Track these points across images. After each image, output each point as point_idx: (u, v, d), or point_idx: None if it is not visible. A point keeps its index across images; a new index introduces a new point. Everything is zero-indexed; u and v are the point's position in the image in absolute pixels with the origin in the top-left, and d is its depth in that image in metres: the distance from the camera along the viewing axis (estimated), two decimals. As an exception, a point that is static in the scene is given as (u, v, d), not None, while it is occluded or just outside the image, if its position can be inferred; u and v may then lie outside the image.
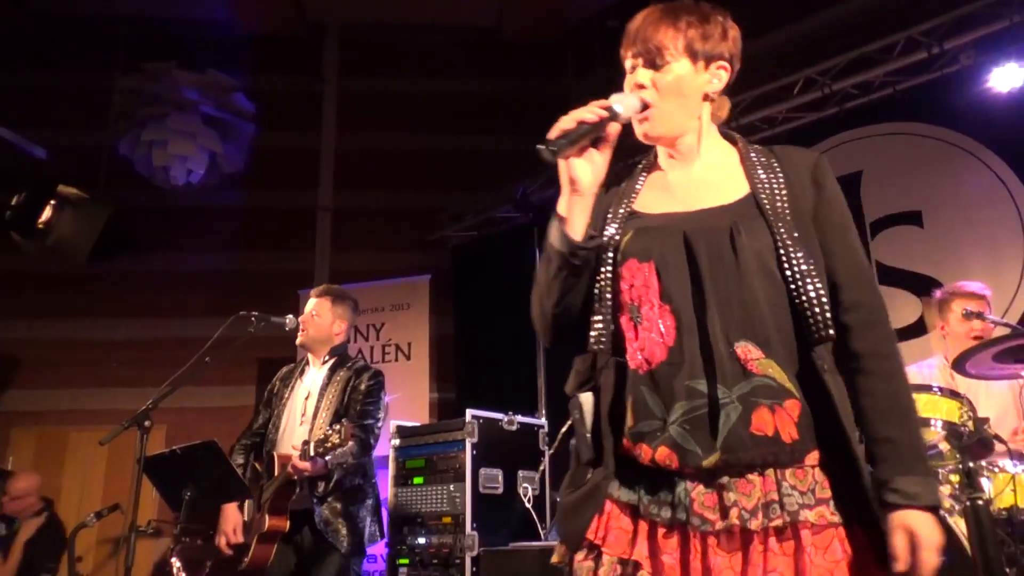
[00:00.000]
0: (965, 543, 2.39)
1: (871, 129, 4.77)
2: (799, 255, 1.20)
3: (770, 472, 1.14)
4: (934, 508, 1.16)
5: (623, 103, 1.28)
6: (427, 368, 5.74)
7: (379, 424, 3.16)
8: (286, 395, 3.25)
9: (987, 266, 4.12)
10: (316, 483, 2.98)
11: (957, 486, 2.72)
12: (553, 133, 1.22)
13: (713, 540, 1.14)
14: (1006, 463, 2.72)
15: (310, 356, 3.32)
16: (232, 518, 3.06)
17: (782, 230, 1.22)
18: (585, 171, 1.26)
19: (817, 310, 1.18)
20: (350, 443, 2.87)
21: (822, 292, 1.19)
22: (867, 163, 4.75)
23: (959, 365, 2.71)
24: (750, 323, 1.17)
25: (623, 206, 1.35)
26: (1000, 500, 2.65)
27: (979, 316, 3.10)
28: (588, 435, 1.26)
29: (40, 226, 3.61)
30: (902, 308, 4.40)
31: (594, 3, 6.40)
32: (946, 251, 4.34)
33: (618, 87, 1.37)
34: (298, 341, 3.31)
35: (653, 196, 1.36)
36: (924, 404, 2.75)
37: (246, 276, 6.39)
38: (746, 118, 5.13)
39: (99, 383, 6.06)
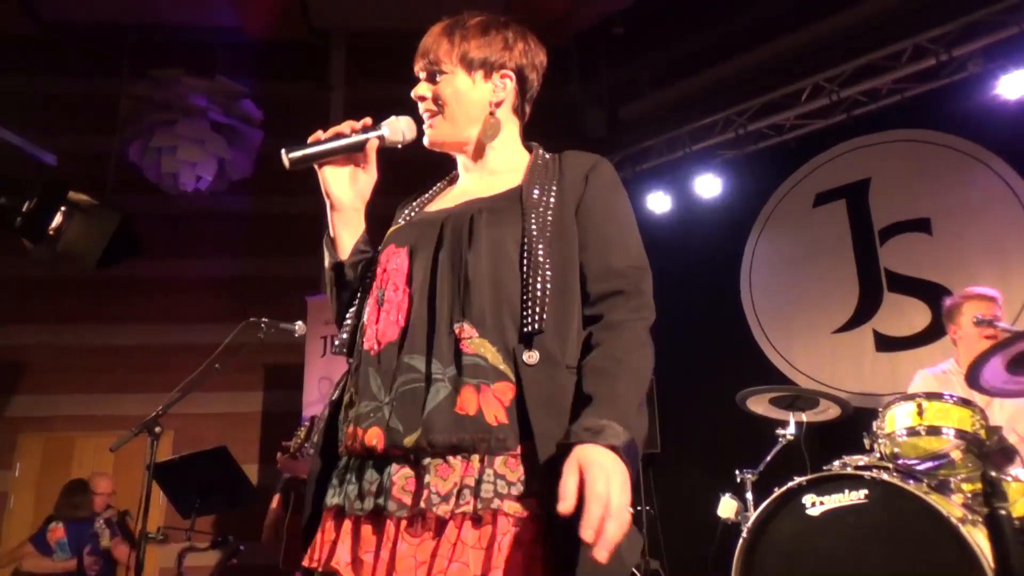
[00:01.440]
0: (979, 555, 2.37)
1: (879, 136, 4.77)
2: (539, 247, 1.18)
3: (475, 458, 1.09)
4: (614, 448, 1.03)
5: (391, 126, 1.33)
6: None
7: None
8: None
9: (997, 273, 4.10)
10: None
11: (970, 495, 2.71)
12: (309, 140, 1.28)
13: (405, 524, 1.09)
14: (1019, 471, 2.70)
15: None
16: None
17: (533, 222, 1.21)
18: (341, 187, 1.31)
19: (533, 305, 1.15)
20: None
21: (548, 288, 1.16)
22: (875, 170, 4.75)
23: (972, 379, 2.70)
24: (471, 304, 1.16)
25: (412, 211, 1.39)
26: (1015, 509, 2.63)
27: (990, 323, 3.08)
28: (319, 444, 1.27)
29: (50, 232, 3.62)
30: (912, 315, 4.39)
31: (599, 10, 6.41)
32: (955, 258, 4.33)
33: (624, 94, 1.38)
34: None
35: (439, 201, 1.40)
36: (936, 412, 2.74)
37: (253, 282, 6.40)
38: (753, 125, 5.14)
39: (106, 389, 6.07)
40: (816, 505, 2.75)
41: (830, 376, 4.64)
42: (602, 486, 0.98)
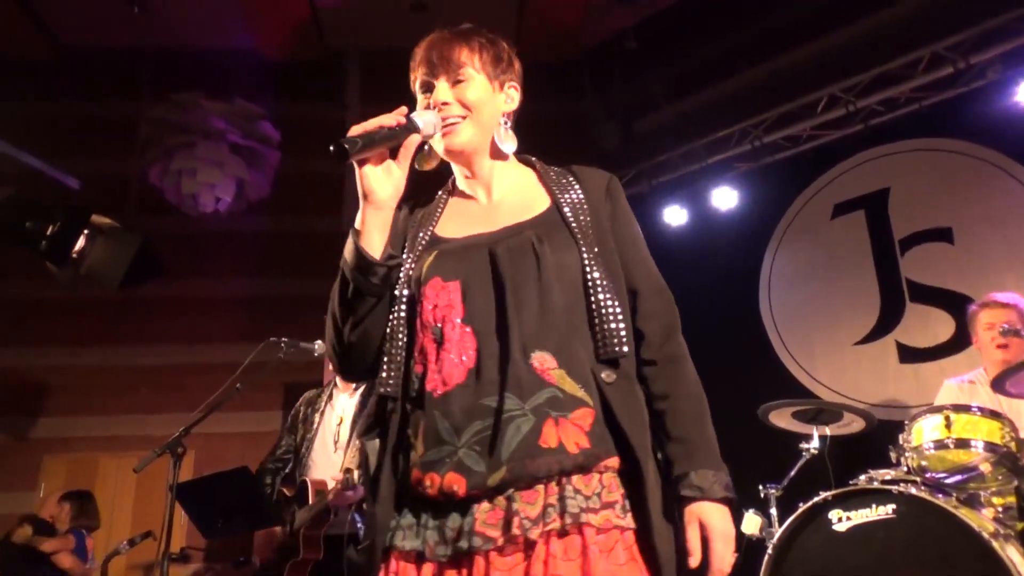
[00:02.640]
0: (1012, 571, 2.32)
1: (897, 146, 4.73)
2: (596, 270, 1.21)
3: (554, 481, 1.12)
4: (726, 500, 1.18)
5: (422, 119, 1.27)
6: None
7: None
8: (316, 421, 3.23)
9: (1021, 281, 4.04)
10: (358, 508, 2.94)
11: (1001, 509, 2.66)
12: (351, 133, 1.20)
13: (495, 555, 1.09)
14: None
15: (338, 381, 3.30)
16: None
17: (583, 242, 1.23)
18: (381, 182, 1.24)
19: (611, 326, 1.19)
20: None
21: (618, 309, 1.20)
22: (894, 180, 4.71)
23: (999, 385, 2.66)
24: (546, 333, 1.16)
25: (424, 232, 1.32)
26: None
27: (1004, 333, 3.03)
28: (371, 487, 1.23)
29: (74, 255, 3.67)
30: (935, 326, 4.34)
31: (611, 24, 6.44)
32: (978, 267, 4.28)
33: (639, 107, 1.38)
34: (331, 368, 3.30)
35: (455, 222, 1.34)
36: (964, 425, 2.70)
37: (272, 301, 6.44)
38: (769, 136, 5.12)
39: (129, 409, 6.11)
40: (843, 520, 2.71)
41: (853, 388, 4.58)
42: (721, 546, 1.16)
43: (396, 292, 1.26)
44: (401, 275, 1.27)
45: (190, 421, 2.94)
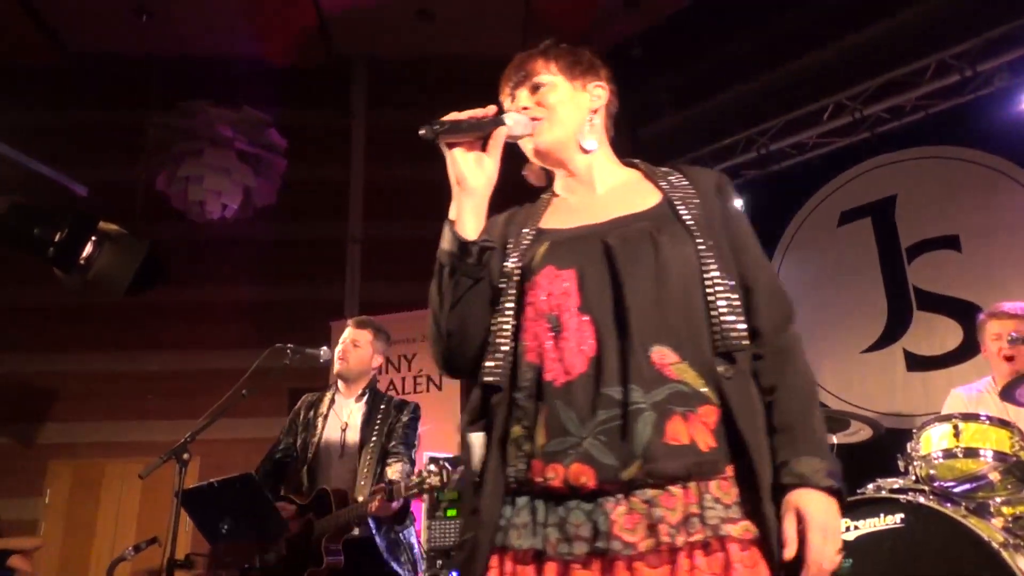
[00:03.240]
0: (1023, 579, 2.30)
1: (904, 153, 4.72)
2: (713, 263, 1.20)
3: (692, 484, 1.09)
4: (831, 490, 1.11)
5: (512, 118, 1.31)
6: (458, 399, 5.73)
7: (414, 449, 3.18)
8: (320, 425, 3.17)
9: (1029, 289, 4.03)
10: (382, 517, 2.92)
11: (1011, 519, 2.64)
12: (443, 119, 1.24)
13: (639, 563, 1.06)
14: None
15: (341, 386, 3.27)
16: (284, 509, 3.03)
17: (699, 236, 1.21)
18: (472, 169, 1.25)
19: (729, 319, 1.17)
20: (399, 465, 2.94)
21: (736, 303, 1.18)
22: (901, 188, 4.70)
23: (1008, 394, 2.64)
24: (667, 327, 1.14)
25: (529, 228, 1.33)
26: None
27: (1012, 342, 3.02)
28: (476, 479, 1.20)
29: (81, 262, 3.69)
30: (943, 334, 4.32)
31: (617, 32, 6.45)
32: (986, 275, 4.26)
33: (644, 115, 1.39)
34: (336, 370, 3.26)
35: (561, 216, 1.35)
36: (973, 434, 2.68)
37: (278, 307, 6.45)
38: (776, 144, 5.12)
39: (135, 415, 6.13)
40: (851, 530, 2.69)
41: (860, 396, 4.56)
42: (819, 539, 1.08)
43: (500, 285, 1.26)
44: (506, 266, 1.27)
45: (196, 427, 2.94)
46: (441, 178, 1.43)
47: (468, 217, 1.24)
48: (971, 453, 2.67)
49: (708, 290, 1.18)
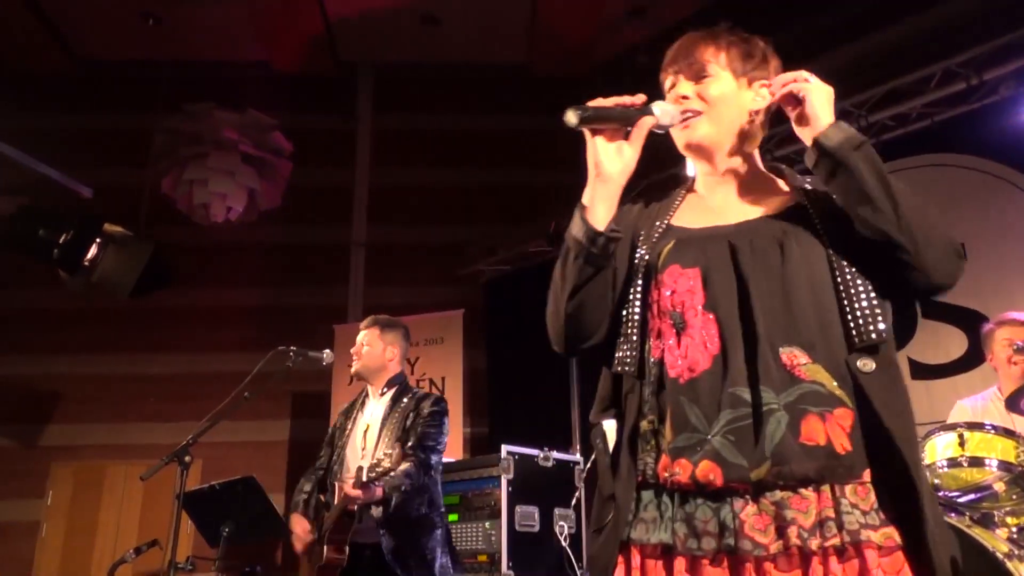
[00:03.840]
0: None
1: (909, 161, 4.71)
2: (846, 263, 1.17)
3: (826, 488, 1.06)
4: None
5: (661, 107, 1.27)
6: (461, 402, 5.72)
7: (440, 447, 2.99)
8: (348, 428, 3.13)
9: (1035, 298, 4.01)
10: (376, 511, 2.83)
11: (1015, 529, 2.62)
12: (589, 104, 1.21)
13: (769, 565, 1.04)
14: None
15: (369, 388, 3.19)
16: (299, 522, 2.94)
17: (828, 240, 1.18)
18: (611, 157, 1.23)
19: (863, 305, 1.13)
20: (405, 465, 2.77)
21: (871, 290, 1.14)
22: (906, 195, 4.69)
23: (1014, 403, 2.63)
24: (796, 328, 1.12)
25: (660, 222, 1.32)
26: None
27: (1019, 350, 3.00)
28: (610, 467, 1.20)
29: (86, 263, 3.70)
30: (948, 343, 4.29)
31: (623, 39, 6.46)
32: (991, 283, 4.24)
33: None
34: (353, 371, 3.20)
35: (692, 214, 1.33)
36: (978, 443, 2.66)
37: (281, 311, 6.46)
38: (781, 151, 5.10)
39: (137, 418, 6.14)
40: (854, 538, 2.67)
41: (864, 405, 4.55)
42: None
43: (630, 277, 1.26)
44: (636, 259, 1.27)
45: (198, 430, 2.94)
46: (444, 184, 1.43)
47: (600, 205, 1.23)
48: (976, 463, 2.65)
49: (842, 291, 1.15)
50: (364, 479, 2.72)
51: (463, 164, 6.82)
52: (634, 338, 1.23)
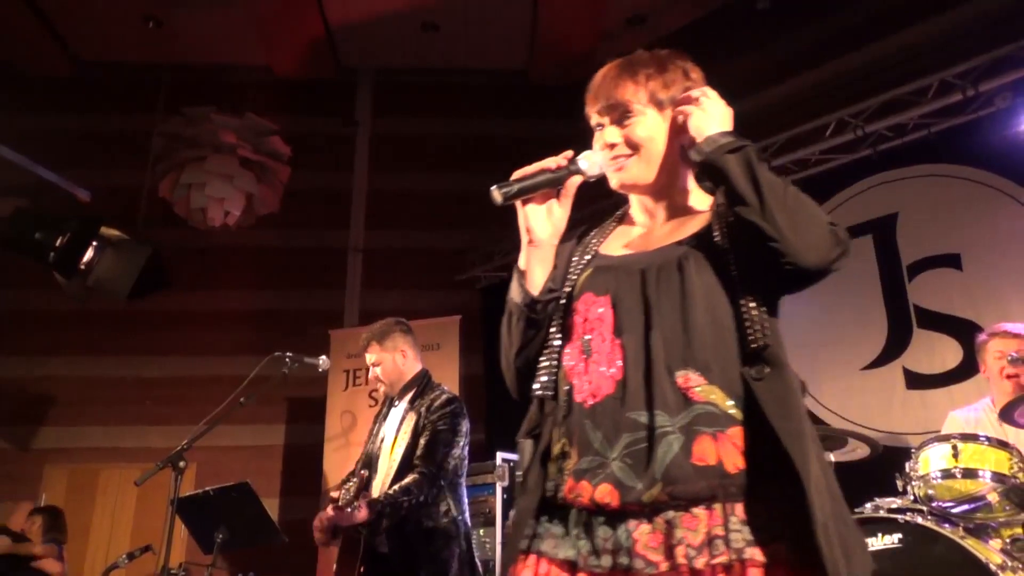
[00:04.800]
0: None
1: (906, 171, 4.72)
2: (740, 270, 1.20)
3: (717, 506, 1.09)
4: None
5: (589, 160, 1.30)
6: (457, 409, 5.71)
7: (453, 452, 2.79)
8: (378, 437, 3.02)
9: (1030, 309, 4.02)
10: (376, 526, 2.68)
11: (1009, 540, 2.63)
12: (513, 177, 1.27)
13: None
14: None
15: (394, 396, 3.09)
16: (321, 514, 2.78)
17: (732, 263, 1.21)
18: (540, 222, 1.29)
19: (755, 315, 1.18)
20: (408, 480, 2.66)
21: (763, 307, 1.19)
22: (903, 205, 4.70)
23: (1007, 415, 2.64)
24: (692, 351, 1.16)
25: (588, 252, 1.38)
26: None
27: (1013, 361, 3.01)
28: (520, 484, 1.27)
29: (82, 267, 3.70)
30: (943, 353, 4.30)
31: (623, 47, 6.46)
32: (987, 294, 4.25)
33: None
34: (382, 391, 3.12)
35: (618, 242, 1.39)
36: (971, 454, 2.67)
37: (278, 315, 6.46)
38: (778, 160, 5.12)
39: (132, 421, 6.12)
40: (848, 549, 2.67)
41: (859, 414, 4.55)
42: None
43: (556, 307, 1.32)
44: (564, 288, 1.33)
45: (193, 434, 2.93)
46: (442, 190, 1.45)
47: (536, 269, 1.31)
48: (970, 474, 2.66)
49: (737, 301, 1.19)
50: (340, 503, 2.65)
51: (461, 170, 6.83)
52: (552, 364, 1.28)
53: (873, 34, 5.02)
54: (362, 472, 2.92)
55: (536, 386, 1.29)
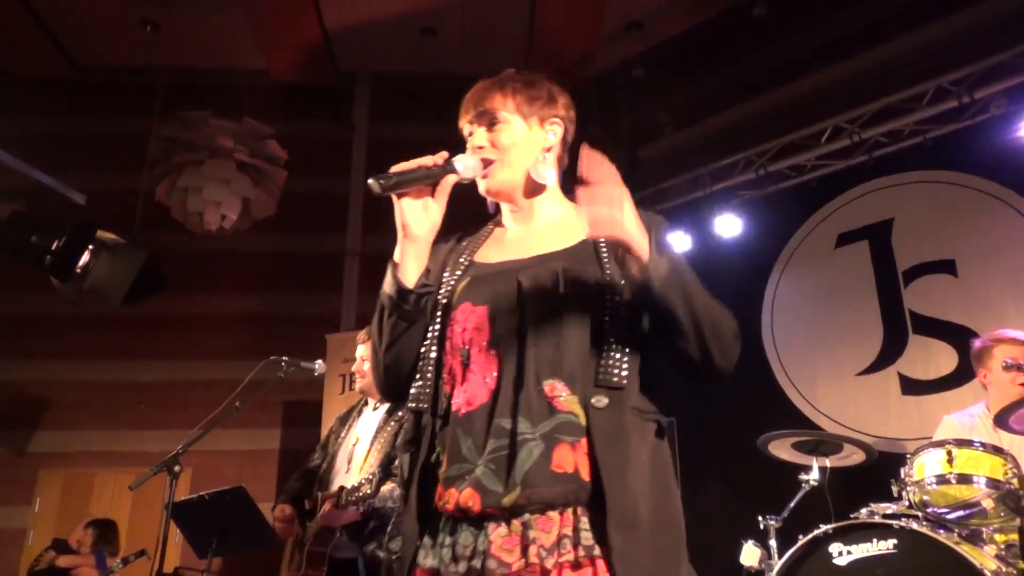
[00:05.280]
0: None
1: (901, 177, 4.75)
2: (620, 302, 1.23)
3: (570, 510, 1.14)
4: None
5: (463, 163, 1.35)
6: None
7: None
8: (342, 435, 3.06)
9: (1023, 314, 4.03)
10: (358, 529, 2.76)
11: (1003, 546, 2.63)
12: (391, 170, 1.30)
13: None
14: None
15: (369, 399, 3.13)
16: (283, 508, 2.88)
17: (609, 276, 1.25)
18: (417, 216, 1.31)
19: (615, 356, 1.20)
20: (390, 485, 2.70)
21: (625, 352, 1.21)
22: (898, 211, 4.72)
23: (1001, 420, 2.64)
24: (561, 361, 1.20)
25: (463, 258, 1.40)
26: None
27: (1007, 367, 3.01)
28: (403, 499, 1.28)
29: (78, 271, 3.69)
30: (938, 358, 4.31)
31: (619, 52, 6.50)
32: (981, 300, 4.26)
33: (645, 134, 1.39)
34: (357, 388, 3.16)
35: (494, 250, 1.41)
36: (966, 460, 2.67)
37: (274, 319, 6.45)
38: (774, 165, 5.14)
39: (127, 425, 6.10)
40: (843, 555, 2.68)
41: (854, 419, 4.56)
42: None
43: (432, 316, 1.33)
44: (438, 297, 1.34)
45: (189, 438, 2.93)
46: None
47: (410, 262, 1.32)
48: (964, 479, 2.67)
49: (601, 335, 1.21)
50: (343, 501, 2.68)
51: (458, 174, 6.83)
52: (428, 376, 1.30)
53: (869, 41, 5.04)
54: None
55: (411, 398, 1.30)
